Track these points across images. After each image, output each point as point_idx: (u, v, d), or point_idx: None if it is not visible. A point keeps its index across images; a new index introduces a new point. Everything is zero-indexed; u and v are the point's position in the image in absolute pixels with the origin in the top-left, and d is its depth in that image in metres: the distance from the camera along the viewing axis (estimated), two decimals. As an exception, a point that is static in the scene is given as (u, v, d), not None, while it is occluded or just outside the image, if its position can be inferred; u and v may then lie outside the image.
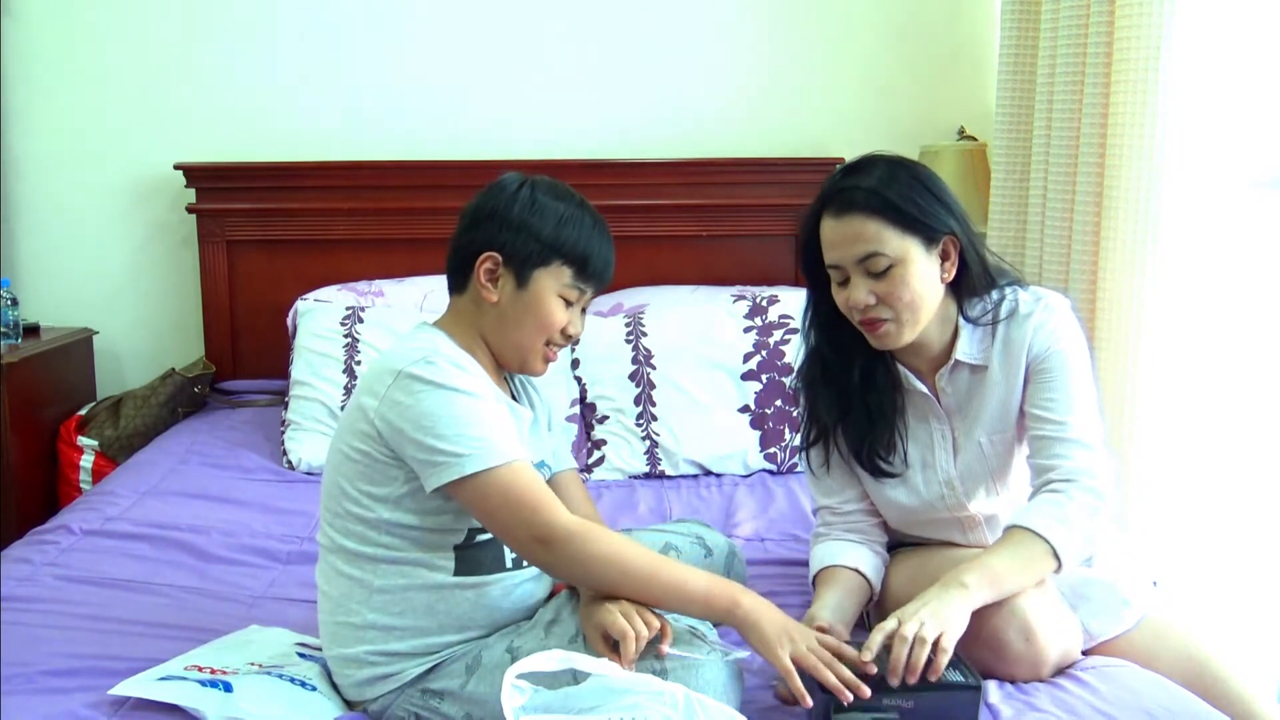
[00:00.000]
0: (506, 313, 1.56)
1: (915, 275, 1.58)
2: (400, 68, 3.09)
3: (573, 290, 1.57)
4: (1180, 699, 1.46)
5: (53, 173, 3.09)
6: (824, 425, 1.74)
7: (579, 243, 1.56)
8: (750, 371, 2.68)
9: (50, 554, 2.04)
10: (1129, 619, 1.64)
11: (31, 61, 3.05)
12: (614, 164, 3.06)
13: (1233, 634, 2.15)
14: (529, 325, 1.57)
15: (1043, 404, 1.62)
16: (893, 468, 1.71)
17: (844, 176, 1.63)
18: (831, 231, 1.61)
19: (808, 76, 3.14)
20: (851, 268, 1.59)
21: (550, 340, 1.59)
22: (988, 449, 1.69)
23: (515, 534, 1.44)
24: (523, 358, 1.59)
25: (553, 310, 1.56)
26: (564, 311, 1.58)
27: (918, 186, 1.59)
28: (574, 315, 1.60)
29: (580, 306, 1.61)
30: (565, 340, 1.61)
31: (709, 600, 1.43)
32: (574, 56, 3.11)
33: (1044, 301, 1.67)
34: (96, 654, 1.63)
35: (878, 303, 1.59)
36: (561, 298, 1.57)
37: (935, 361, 1.69)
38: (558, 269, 1.55)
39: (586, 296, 1.60)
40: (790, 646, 1.38)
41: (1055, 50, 2.54)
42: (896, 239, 1.57)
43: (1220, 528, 2.26)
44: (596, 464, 2.61)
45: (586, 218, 1.58)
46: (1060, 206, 2.52)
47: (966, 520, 1.73)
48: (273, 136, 3.08)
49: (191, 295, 3.12)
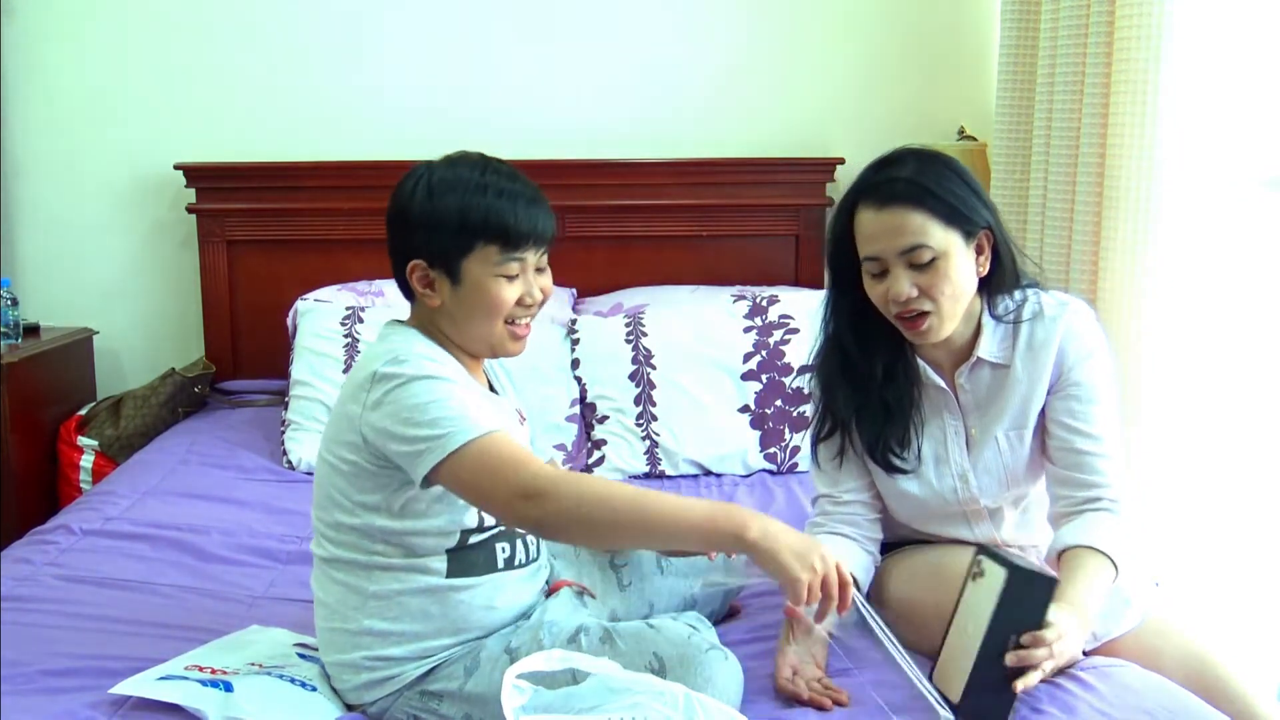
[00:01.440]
0: (454, 311, 1.52)
1: (956, 268, 1.57)
2: (401, 67, 3.09)
3: (509, 264, 1.50)
4: (1180, 699, 1.46)
5: (53, 173, 3.09)
6: (840, 419, 1.72)
7: (490, 217, 1.48)
8: (750, 371, 2.68)
9: (50, 554, 2.04)
10: (1131, 619, 1.64)
11: (31, 61, 3.05)
12: (614, 164, 3.06)
13: (1234, 633, 2.15)
14: (479, 315, 1.52)
15: (1081, 416, 1.63)
16: (905, 464, 1.70)
17: (881, 169, 1.61)
18: (872, 223, 1.58)
19: (808, 76, 3.14)
20: (893, 260, 1.57)
21: (511, 318, 1.53)
22: (1004, 446, 1.68)
23: (501, 496, 1.38)
24: (490, 345, 1.55)
25: (495, 293, 1.50)
26: (509, 288, 1.51)
27: (956, 179, 1.59)
28: (526, 284, 1.53)
29: (531, 271, 1.53)
30: (528, 310, 1.55)
31: (713, 527, 1.35)
32: (574, 56, 3.11)
33: (1069, 306, 1.67)
34: (96, 654, 1.63)
35: (919, 295, 1.57)
36: (501, 276, 1.50)
37: (956, 358, 1.69)
38: (482, 251, 1.49)
39: (530, 260, 1.53)
40: (810, 575, 1.31)
41: (1055, 50, 2.54)
42: (940, 231, 1.56)
43: (1221, 527, 2.25)
44: (596, 464, 2.61)
45: (490, 187, 1.49)
46: (1060, 206, 2.52)
47: (974, 515, 1.73)
48: (273, 136, 3.08)
49: (191, 295, 3.12)
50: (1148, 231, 2.21)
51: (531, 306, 1.55)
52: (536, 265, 1.55)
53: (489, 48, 3.09)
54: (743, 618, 1.84)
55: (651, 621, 1.53)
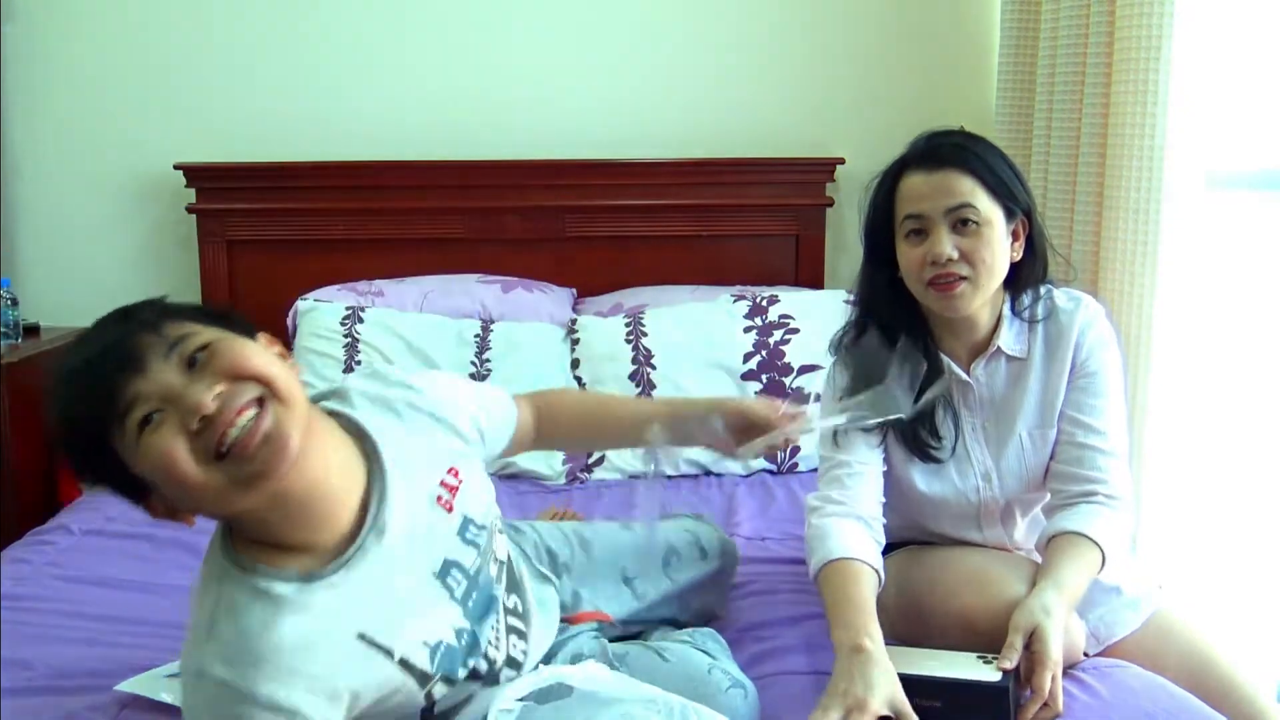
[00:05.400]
0: (169, 502, 1.15)
1: (997, 240, 1.58)
2: (400, 67, 3.09)
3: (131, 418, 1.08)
4: (1180, 700, 1.46)
5: (53, 173, 3.09)
6: None
7: (65, 416, 1.12)
8: (750, 371, 2.68)
9: (50, 554, 2.04)
10: (1135, 621, 1.64)
11: (31, 61, 3.04)
12: (614, 164, 3.05)
13: (1238, 634, 2.15)
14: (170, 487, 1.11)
15: (1086, 409, 1.63)
16: (940, 451, 1.67)
17: (934, 138, 1.63)
18: (921, 184, 1.59)
19: (808, 76, 3.13)
20: (939, 219, 1.57)
21: (209, 450, 1.07)
22: (1028, 445, 1.67)
23: None
24: (213, 497, 1.11)
25: (159, 449, 1.07)
26: (170, 437, 1.07)
27: (1001, 160, 1.62)
28: (181, 412, 1.08)
29: (180, 392, 1.08)
30: (212, 427, 1.07)
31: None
32: (574, 56, 3.11)
33: (1083, 302, 1.68)
34: (96, 654, 1.62)
35: (959, 259, 1.57)
36: (150, 435, 1.08)
37: (974, 349, 1.68)
38: (113, 438, 1.10)
39: (145, 398, 1.08)
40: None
41: (1055, 50, 2.54)
42: (987, 200, 1.58)
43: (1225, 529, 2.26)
44: (596, 464, 2.60)
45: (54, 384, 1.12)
46: (1060, 206, 2.52)
47: (986, 516, 1.71)
48: (273, 136, 3.08)
49: (191, 295, 3.12)
50: (1148, 231, 2.21)
51: (211, 420, 1.07)
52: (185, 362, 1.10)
53: (489, 48, 3.09)
54: (730, 619, 1.79)
55: (664, 651, 1.46)
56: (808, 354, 2.65)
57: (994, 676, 1.38)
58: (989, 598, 1.51)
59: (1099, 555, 1.54)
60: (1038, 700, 1.36)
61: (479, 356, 2.68)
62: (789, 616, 1.75)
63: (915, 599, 1.63)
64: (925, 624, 1.58)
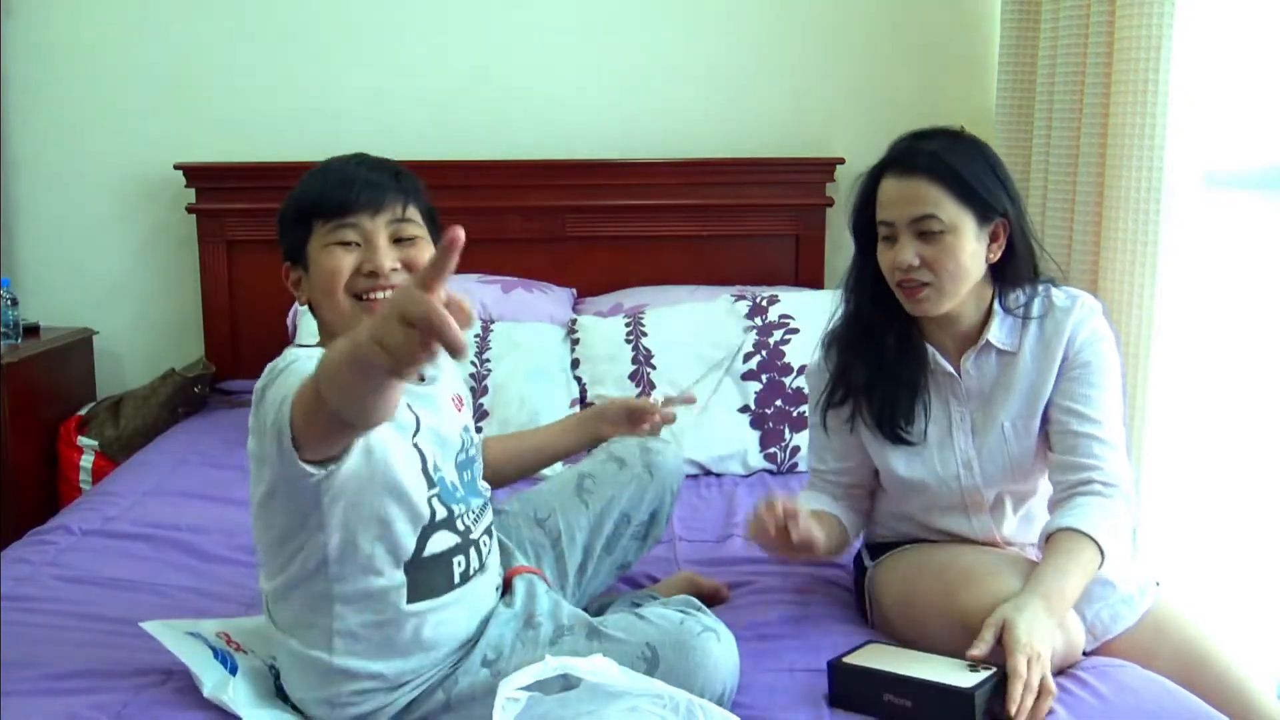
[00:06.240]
0: (315, 300, 1.49)
1: (962, 248, 1.60)
2: (399, 68, 3.09)
3: (340, 231, 1.45)
4: (1180, 699, 1.46)
5: (53, 173, 3.09)
6: (853, 387, 1.73)
7: (306, 194, 1.48)
8: (750, 371, 2.68)
9: (50, 554, 2.03)
10: (1131, 618, 1.64)
11: (31, 61, 3.04)
12: (614, 164, 3.06)
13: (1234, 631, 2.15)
14: (323, 294, 1.46)
15: (1080, 399, 1.64)
16: (911, 436, 1.70)
17: (912, 141, 1.65)
18: (891, 190, 1.63)
19: (808, 76, 3.14)
20: (903, 227, 1.61)
21: (359, 292, 1.44)
22: (1010, 434, 1.68)
23: None
24: (348, 325, 1.39)
25: (326, 264, 1.44)
26: (344, 257, 1.44)
27: (983, 163, 1.63)
28: (369, 251, 1.44)
29: (381, 239, 1.46)
30: (375, 281, 1.44)
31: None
32: (573, 56, 3.11)
33: (1080, 300, 1.68)
34: (96, 654, 1.62)
35: (921, 266, 1.60)
36: (333, 245, 1.45)
37: (963, 343, 1.70)
38: (318, 230, 1.46)
39: (373, 226, 1.45)
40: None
41: (1055, 50, 2.54)
42: (953, 207, 1.59)
43: (1224, 527, 2.26)
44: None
45: (320, 171, 1.51)
46: (1060, 206, 2.52)
47: (974, 506, 1.72)
48: (273, 136, 3.08)
49: (191, 295, 3.12)
50: (1148, 231, 2.21)
51: (379, 276, 1.44)
52: (394, 235, 1.47)
53: (489, 48, 3.09)
54: (731, 619, 1.79)
55: (640, 611, 1.50)
56: (808, 354, 2.64)
57: (969, 683, 1.38)
58: (988, 598, 1.51)
59: (1095, 552, 1.53)
60: (1017, 682, 1.36)
61: (479, 356, 2.68)
62: (789, 616, 1.75)
63: (915, 599, 1.64)
64: (924, 624, 1.59)
